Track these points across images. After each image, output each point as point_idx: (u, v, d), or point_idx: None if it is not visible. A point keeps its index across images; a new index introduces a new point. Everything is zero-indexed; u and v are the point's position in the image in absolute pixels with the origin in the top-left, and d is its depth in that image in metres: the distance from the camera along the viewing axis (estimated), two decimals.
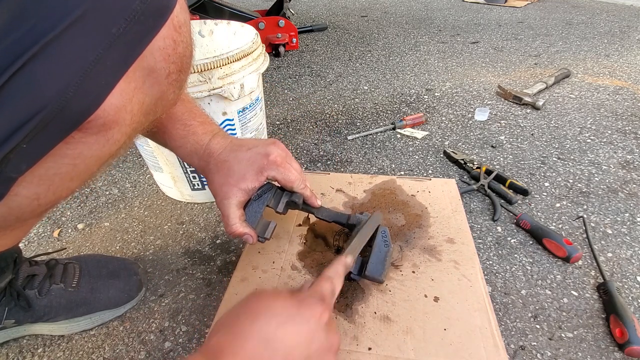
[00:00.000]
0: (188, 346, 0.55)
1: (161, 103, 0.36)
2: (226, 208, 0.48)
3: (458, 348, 0.40)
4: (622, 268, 0.63)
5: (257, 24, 1.64)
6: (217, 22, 0.85)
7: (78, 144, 0.31)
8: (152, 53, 0.31)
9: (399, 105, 1.21)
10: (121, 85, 0.30)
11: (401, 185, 0.66)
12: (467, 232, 0.55)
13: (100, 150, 0.32)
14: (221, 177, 0.49)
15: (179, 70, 0.35)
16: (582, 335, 0.54)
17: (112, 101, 0.29)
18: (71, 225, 0.79)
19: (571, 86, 1.28)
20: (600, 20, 2.01)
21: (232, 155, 0.50)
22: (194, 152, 0.52)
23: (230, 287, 0.50)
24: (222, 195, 0.49)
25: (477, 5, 2.44)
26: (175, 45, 0.33)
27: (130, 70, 0.30)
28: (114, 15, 0.27)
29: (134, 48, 0.30)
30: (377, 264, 0.47)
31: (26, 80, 0.25)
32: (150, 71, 0.32)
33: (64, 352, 0.55)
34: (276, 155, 0.50)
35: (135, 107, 0.32)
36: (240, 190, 0.48)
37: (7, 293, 0.52)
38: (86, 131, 0.30)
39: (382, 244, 0.49)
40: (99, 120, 0.29)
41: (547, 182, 0.84)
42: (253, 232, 0.49)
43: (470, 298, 0.46)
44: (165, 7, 0.31)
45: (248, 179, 0.48)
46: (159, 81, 0.33)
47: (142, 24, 0.29)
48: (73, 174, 0.33)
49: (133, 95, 0.31)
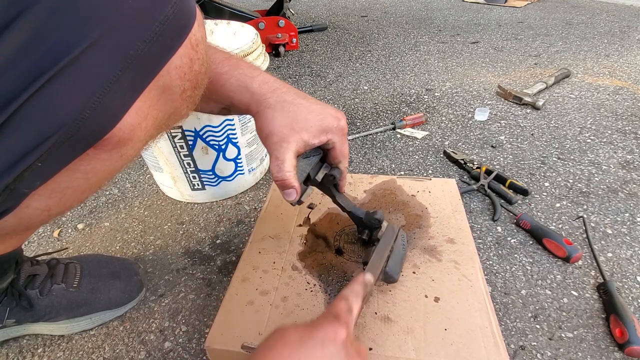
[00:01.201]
0: (188, 346, 0.55)
1: (174, 118, 0.36)
2: (284, 151, 0.43)
3: (459, 348, 0.40)
4: (622, 268, 0.63)
5: (257, 24, 1.64)
6: (217, 22, 0.85)
7: (92, 160, 0.31)
8: (169, 72, 0.31)
9: (399, 105, 1.21)
10: (137, 104, 0.30)
11: (401, 185, 0.66)
12: (468, 232, 0.55)
13: (112, 165, 0.33)
14: (285, 118, 0.44)
15: (194, 87, 0.35)
16: (582, 335, 0.54)
17: (128, 120, 0.29)
18: (71, 225, 0.79)
19: (571, 86, 1.28)
20: (600, 20, 2.01)
21: (300, 101, 0.45)
22: (244, 87, 0.45)
23: (230, 287, 0.50)
24: (281, 136, 0.43)
25: (477, 5, 2.44)
26: (191, 64, 0.33)
27: (146, 90, 0.30)
28: (132, 37, 0.27)
29: (152, 68, 0.30)
30: (396, 264, 0.48)
31: (44, 101, 0.25)
32: (166, 89, 0.32)
33: (64, 352, 0.55)
34: (344, 123, 0.47)
35: (149, 124, 0.32)
36: (302, 140, 0.44)
37: (8, 293, 0.52)
38: (101, 148, 0.30)
39: (401, 246, 0.50)
40: (114, 139, 0.30)
41: (547, 182, 0.84)
42: (299, 188, 0.45)
43: (471, 298, 0.46)
44: (184, 27, 0.31)
45: (312, 132, 0.44)
46: (173, 98, 0.33)
47: (161, 45, 0.29)
48: (84, 187, 0.34)
49: (148, 112, 0.32)
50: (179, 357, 0.54)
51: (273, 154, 0.44)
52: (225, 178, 0.80)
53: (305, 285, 0.49)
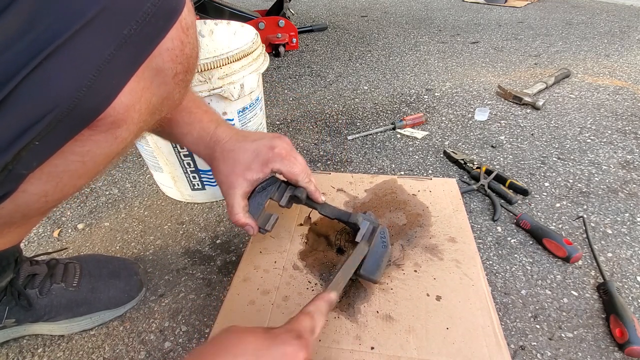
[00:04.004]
0: (188, 346, 0.55)
1: (167, 103, 0.37)
2: (231, 198, 0.49)
3: (461, 347, 0.40)
4: (622, 268, 0.63)
5: (257, 24, 1.64)
6: (217, 22, 0.85)
7: (87, 141, 0.31)
8: (161, 54, 0.32)
9: (399, 105, 1.21)
10: (131, 85, 0.30)
11: (402, 185, 0.66)
12: (469, 231, 0.56)
13: (108, 148, 0.33)
14: (227, 167, 0.50)
15: (186, 70, 0.35)
16: (582, 335, 0.54)
17: (122, 100, 0.30)
18: (71, 225, 0.78)
19: (571, 86, 1.28)
20: (600, 20, 2.01)
21: (238, 145, 0.50)
22: (200, 140, 0.52)
23: (232, 287, 0.50)
24: (227, 184, 0.49)
25: (477, 5, 2.44)
26: (182, 47, 0.33)
27: (139, 70, 0.30)
28: (125, 17, 0.27)
29: (144, 49, 0.30)
30: (373, 264, 0.47)
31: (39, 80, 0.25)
32: (159, 71, 0.33)
33: (64, 352, 0.55)
34: (281, 148, 0.50)
35: (143, 106, 0.33)
36: (245, 181, 0.49)
37: (7, 292, 0.51)
38: (96, 129, 0.30)
39: (380, 244, 0.49)
40: (109, 119, 0.30)
41: (547, 182, 0.84)
42: (254, 223, 0.50)
43: (472, 297, 0.46)
44: (174, 10, 0.31)
45: (253, 169, 0.49)
46: (166, 81, 0.34)
47: (152, 26, 0.29)
48: (81, 172, 0.34)
49: (142, 94, 0.32)
50: (179, 357, 0.54)
51: (225, 200, 0.50)
52: None
53: (306, 284, 0.49)
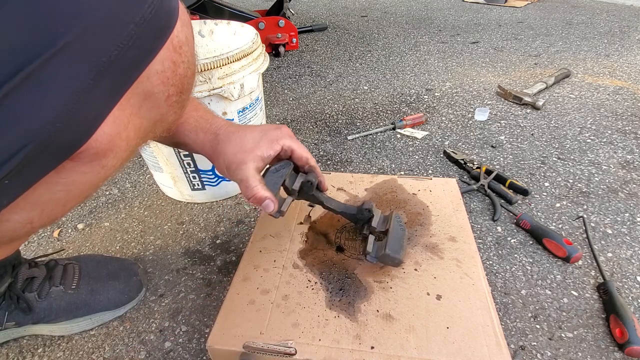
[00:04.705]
0: (188, 346, 0.55)
1: (161, 125, 0.35)
2: (245, 172, 0.45)
3: (461, 346, 0.40)
4: (622, 268, 0.63)
5: (257, 24, 1.64)
6: (217, 22, 0.85)
7: (71, 172, 0.29)
8: (149, 78, 0.29)
9: (399, 105, 1.21)
10: (115, 113, 0.28)
11: (402, 185, 0.66)
12: (469, 230, 0.55)
13: (95, 176, 0.31)
14: (234, 146, 0.47)
15: (180, 92, 0.33)
16: (582, 335, 0.54)
17: (105, 130, 0.28)
18: (71, 225, 0.78)
19: (571, 86, 1.28)
20: (600, 20, 2.01)
21: (242, 128, 0.49)
22: (199, 128, 0.49)
23: (232, 286, 0.50)
24: (237, 161, 0.46)
25: (477, 5, 2.44)
26: (175, 67, 0.31)
27: (124, 98, 0.28)
28: (105, 41, 0.25)
29: (128, 75, 0.28)
30: (395, 244, 0.47)
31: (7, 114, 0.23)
32: (148, 95, 0.30)
33: (64, 352, 0.55)
34: (287, 130, 0.50)
35: (131, 133, 0.31)
36: (257, 157, 0.46)
37: (6, 297, 0.51)
38: (79, 160, 0.28)
39: (397, 227, 0.50)
40: (91, 150, 0.28)
41: (547, 182, 0.84)
42: (274, 198, 0.45)
43: (473, 296, 0.46)
44: (163, 29, 0.28)
45: (263, 146, 0.47)
46: (157, 105, 0.32)
47: (137, 49, 0.27)
48: (67, 199, 0.32)
49: (129, 121, 0.30)
50: (179, 357, 0.54)
51: (237, 178, 0.46)
52: (225, 178, 0.80)
53: (306, 283, 0.49)
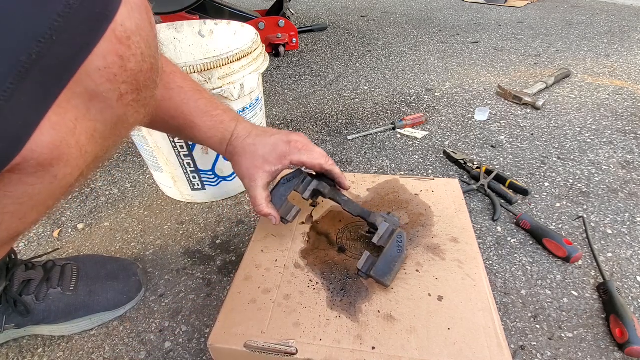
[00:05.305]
0: (188, 346, 0.55)
1: (121, 126, 0.31)
2: (253, 189, 0.51)
3: (462, 347, 0.40)
4: (622, 268, 0.64)
5: (257, 24, 1.64)
6: (217, 22, 0.85)
7: (18, 184, 0.27)
8: (90, 76, 0.25)
9: (399, 105, 1.21)
10: (52, 119, 0.25)
11: (404, 185, 0.65)
12: (471, 231, 0.55)
13: (48, 187, 0.28)
14: (248, 160, 0.52)
15: (136, 89, 0.29)
16: (582, 335, 0.54)
17: (44, 138, 0.25)
18: (71, 225, 0.78)
19: (571, 86, 1.28)
20: (600, 20, 2.01)
21: (257, 140, 0.52)
22: (224, 140, 0.54)
23: (233, 285, 0.50)
24: (249, 177, 0.52)
25: (477, 5, 2.44)
26: (122, 62, 0.27)
27: (60, 101, 0.25)
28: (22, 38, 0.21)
29: (58, 75, 0.24)
30: (384, 266, 0.47)
31: None
32: (93, 96, 0.27)
33: (64, 352, 0.55)
34: (297, 142, 0.52)
35: (82, 138, 0.28)
36: (265, 173, 0.51)
37: (3, 300, 0.51)
38: (20, 172, 0.26)
39: (395, 248, 0.49)
40: (31, 162, 0.25)
41: (547, 182, 0.84)
42: (277, 213, 0.52)
43: (474, 297, 0.46)
44: (100, 17, 0.24)
45: (272, 162, 0.51)
46: (110, 105, 0.28)
47: (66, 45, 0.23)
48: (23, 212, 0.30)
49: (75, 126, 0.27)
50: (179, 357, 0.54)
51: (248, 192, 0.53)
52: (225, 178, 0.79)
53: (307, 283, 0.49)
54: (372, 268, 0.47)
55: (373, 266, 0.47)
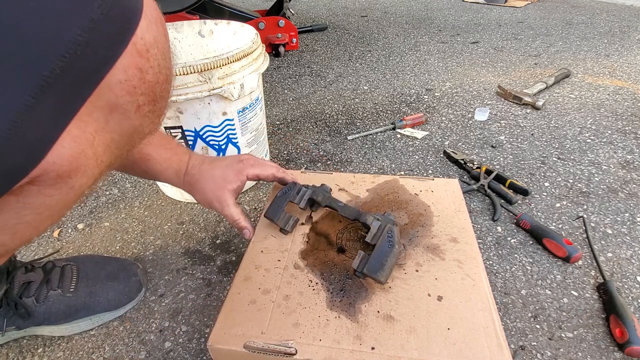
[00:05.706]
0: (188, 346, 0.55)
1: (137, 137, 0.32)
2: (227, 209, 0.56)
3: (462, 347, 0.40)
4: (622, 268, 0.64)
5: (257, 24, 1.64)
6: (217, 22, 0.85)
7: (37, 196, 0.27)
8: (111, 89, 0.26)
9: (399, 105, 1.21)
10: (72, 132, 0.25)
11: (404, 185, 0.65)
12: (471, 231, 0.55)
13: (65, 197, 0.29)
14: (210, 184, 0.56)
15: (152, 100, 0.30)
16: (582, 335, 0.54)
17: (64, 151, 0.25)
18: (71, 226, 0.78)
19: (571, 86, 1.28)
20: (600, 20, 2.01)
21: (212, 164, 0.57)
22: (180, 171, 0.57)
23: (233, 286, 0.50)
24: (217, 199, 0.56)
25: (477, 5, 2.44)
26: (142, 75, 0.27)
27: (81, 114, 0.25)
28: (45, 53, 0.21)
29: (80, 89, 0.24)
30: (376, 262, 0.47)
31: None
32: (113, 109, 0.27)
33: (64, 352, 0.55)
34: (248, 159, 0.58)
35: (99, 149, 0.28)
36: (229, 191, 0.56)
37: (3, 303, 0.51)
38: (40, 184, 0.26)
39: (386, 243, 0.48)
40: (51, 174, 0.25)
41: (547, 182, 0.84)
42: (251, 227, 0.57)
43: (474, 297, 0.46)
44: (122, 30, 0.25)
45: (232, 180, 0.56)
46: (127, 117, 0.29)
47: (89, 59, 0.23)
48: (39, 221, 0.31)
49: (94, 138, 0.27)
50: (179, 357, 0.54)
51: (222, 213, 0.57)
52: None
53: (307, 283, 0.49)
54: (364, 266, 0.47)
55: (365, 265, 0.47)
